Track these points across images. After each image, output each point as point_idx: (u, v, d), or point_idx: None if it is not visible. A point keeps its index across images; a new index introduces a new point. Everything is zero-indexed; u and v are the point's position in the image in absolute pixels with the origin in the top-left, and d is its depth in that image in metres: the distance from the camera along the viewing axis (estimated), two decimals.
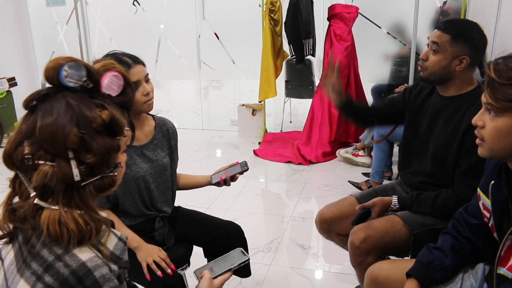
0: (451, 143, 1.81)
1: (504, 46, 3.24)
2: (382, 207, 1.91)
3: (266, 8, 4.77)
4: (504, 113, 1.16)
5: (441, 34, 1.78)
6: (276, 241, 3.03)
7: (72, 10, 5.74)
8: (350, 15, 4.65)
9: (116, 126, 0.94)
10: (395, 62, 5.03)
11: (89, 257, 0.90)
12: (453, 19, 1.87)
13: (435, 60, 1.79)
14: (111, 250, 0.97)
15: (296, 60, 5.00)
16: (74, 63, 0.91)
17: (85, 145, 0.89)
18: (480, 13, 4.13)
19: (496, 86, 1.15)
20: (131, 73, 1.74)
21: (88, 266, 0.88)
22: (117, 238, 1.00)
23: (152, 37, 5.74)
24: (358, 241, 1.81)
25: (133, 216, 1.90)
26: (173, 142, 2.01)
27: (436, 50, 1.79)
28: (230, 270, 1.26)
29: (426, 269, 1.48)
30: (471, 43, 1.77)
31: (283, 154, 4.69)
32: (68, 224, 0.88)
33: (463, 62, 1.77)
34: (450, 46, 1.76)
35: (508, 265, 1.25)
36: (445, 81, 1.83)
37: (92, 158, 0.90)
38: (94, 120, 0.90)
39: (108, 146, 0.92)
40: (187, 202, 2.31)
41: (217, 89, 8.81)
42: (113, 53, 1.79)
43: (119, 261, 0.99)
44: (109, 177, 0.95)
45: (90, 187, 0.93)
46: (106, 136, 0.92)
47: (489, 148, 1.23)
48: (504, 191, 1.28)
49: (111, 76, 0.96)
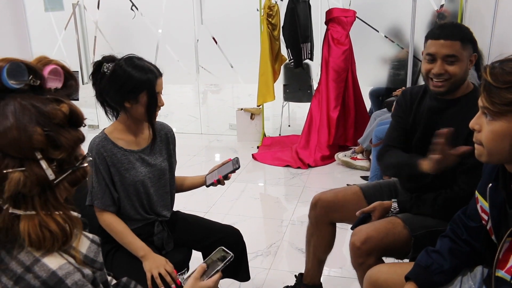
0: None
1: (501, 49, 3.26)
2: (382, 211, 1.92)
3: (264, 12, 4.78)
4: (501, 116, 1.16)
5: (451, 43, 1.76)
6: (275, 245, 3.03)
7: (70, 15, 5.75)
8: (347, 19, 4.67)
9: (76, 117, 0.92)
10: (393, 65, 5.05)
11: (59, 265, 0.87)
12: (445, 24, 1.86)
13: (457, 68, 1.77)
14: (84, 253, 0.95)
15: (294, 64, 5.01)
16: (14, 64, 0.87)
17: (52, 142, 0.87)
18: (477, 16, 4.15)
19: (493, 90, 1.15)
20: (157, 84, 1.78)
21: (59, 275, 0.86)
22: (90, 241, 0.98)
23: (150, 41, 5.75)
24: (359, 242, 1.81)
25: (132, 220, 1.90)
26: (171, 147, 2.02)
27: (453, 60, 1.77)
28: (218, 271, 1.25)
29: (425, 272, 1.48)
30: (473, 40, 1.81)
31: (281, 158, 4.69)
32: (50, 227, 0.86)
33: (472, 60, 1.81)
34: (464, 50, 1.77)
35: (507, 268, 1.25)
36: (461, 84, 1.84)
37: (61, 154, 0.88)
38: (55, 115, 0.88)
39: (75, 139, 0.91)
40: (186, 207, 2.32)
41: (215, 94, 8.81)
42: (136, 57, 1.80)
43: (94, 264, 0.97)
44: (81, 169, 0.93)
45: (64, 183, 0.91)
46: (71, 129, 0.91)
47: (486, 152, 1.24)
48: (502, 194, 1.29)
49: (51, 69, 0.93)
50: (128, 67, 1.74)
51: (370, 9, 4.99)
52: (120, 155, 1.83)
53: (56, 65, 0.94)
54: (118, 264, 1.85)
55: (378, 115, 4.24)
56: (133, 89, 1.74)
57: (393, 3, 4.94)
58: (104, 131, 1.86)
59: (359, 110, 4.90)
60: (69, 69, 0.97)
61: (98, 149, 1.79)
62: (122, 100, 1.78)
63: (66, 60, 4.77)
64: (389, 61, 5.06)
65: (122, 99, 1.77)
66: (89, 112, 6.48)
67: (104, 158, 1.80)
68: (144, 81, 1.74)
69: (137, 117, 1.82)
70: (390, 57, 5.07)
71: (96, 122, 6.15)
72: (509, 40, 3.18)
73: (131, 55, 1.80)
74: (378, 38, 5.05)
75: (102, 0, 5.77)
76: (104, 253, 1.88)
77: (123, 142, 1.86)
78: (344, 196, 2.14)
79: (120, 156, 1.83)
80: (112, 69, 1.74)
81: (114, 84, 1.75)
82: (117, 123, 1.87)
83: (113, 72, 1.74)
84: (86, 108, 6.83)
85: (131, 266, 1.81)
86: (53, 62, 0.95)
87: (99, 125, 6.09)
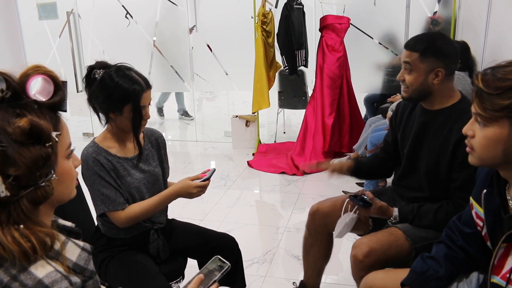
0: (441, 157, 1.83)
1: (494, 54, 3.28)
2: (382, 214, 1.91)
3: (259, 19, 4.80)
4: (493, 122, 1.17)
5: (410, 53, 1.82)
6: (271, 253, 3.02)
7: (64, 23, 5.75)
8: (341, 26, 4.69)
9: (39, 132, 0.87)
10: (387, 72, 5.07)
11: (46, 273, 0.86)
12: (419, 35, 1.89)
13: (411, 78, 1.83)
14: (74, 261, 0.93)
15: (289, 71, 5.02)
16: None
17: (6, 159, 0.83)
18: (470, 22, 4.18)
19: (484, 96, 1.16)
20: (143, 97, 1.75)
21: (46, 283, 0.84)
22: (80, 248, 0.96)
23: (144, 49, 5.75)
24: (361, 255, 1.78)
25: (127, 229, 1.88)
26: (162, 152, 2.01)
27: (410, 69, 1.83)
28: (215, 281, 1.24)
29: (420, 278, 1.48)
30: (441, 55, 1.79)
31: (277, 165, 4.69)
32: (6, 245, 0.83)
33: (439, 75, 1.79)
34: (421, 62, 1.80)
35: (502, 274, 1.25)
36: (427, 96, 1.86)
37: (17, 171, 0.84)
38: (13, 131, 0.84)
39: (35, 156, 0.86)
40: (181, 214, 2.31)
41: (210, 101, 8.81)
42: (124, 68, 1.77)
43: (84, 272, 0.95)
44: (41, 188, 0.89)
45: (23, 200, 0.87)
46: (31, 146, 0.86)
47: (478, 156, 1.25)
48: (497, 200, 1.29)
49: (37, 80, 0.90)
50: (116, 77, 1.72)
51: (364, 16, 5.01)
52: (115, 162, 1.82)
53: (45, 75, 0.92)
54: (112, 273, 1.84)
55: (373, 121, 4.25)
56: (118, 100, 1.73)
57: (386, 10, 4.97)
58: (94, 140, 1.85)
59: (354, 117, 4.91)
60: (58, 79, 0.94)
61: (94, 158, 1.77)
62: (107, 110, 1.77)
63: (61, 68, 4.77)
64: (384, 67, 5.08)
65: (107, 110, 1.77)
66: (83, 120, 6.48)
67: (102, 165, 1.78)
68: (129, 94, 1.72)
69: (122, 128, 1.81)
70: (384, 64, 5.09)
71: (91, 130, 6.14)
72: (502, 46, 3.20)
73: (121, 65, 1.77)
74: (372, 44, 5.07)
75: (96, 8, 5.77)
76: (99, 262, 1.87)
77: (115, 149, 1.84)
78: (342, 206, 2.13)
79: (116, 163, 1.82)
80: (101, 76, 1.73)
81: (101, 93, 1.74)
82: (106, 132, 1.86)
83: (101, 80, 1.73)
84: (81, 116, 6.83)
85: (125, 275, 1.79)
86: (41, 72, 0.92)
87: (93, 133, 6.08)
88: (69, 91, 1.00)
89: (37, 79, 0.91)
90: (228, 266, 1.26)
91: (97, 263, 1.88)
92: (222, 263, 1.27)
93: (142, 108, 1.76)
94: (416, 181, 1.98)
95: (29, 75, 0.91)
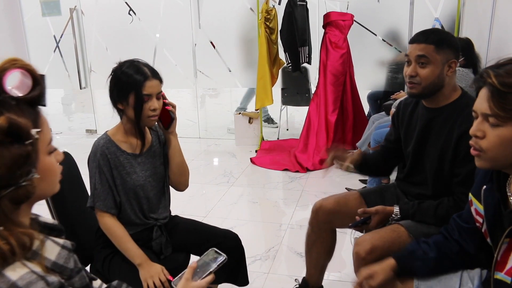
0: (445, 154, 1.82)
1: (498, 51, 3.26)
2: (383, 216, 1.90)
3: (262, 16, 4.79)
4: (508, 121, 1.15)
5: (425, 46, 1.80)
6: (274, 249, 3.02)
7: (68, 20, 5.75)
8: (345, 23, 4.68)
9: (17, 131, 0.84)
10: (390, 69, 5.06)
11: (20, 275, 0.82)
12: (425, 30, 1.88)
13: (428, 72, 1.80)
14: (53, 260, 0.91)
15: (292, 67, 5.02)
16: None
17: None
18: (474, 18, 4.15)
19: (502, 95, 1.13)
20: (146, 86, 1.76)
21: (20, 285, 0.81)
22: (60, 246, 0.94)
23: (148, 46, 5.75)
24: (364, 252, 1.78)
25: (131, 225, 1.89)
26: (166, 149, 2.01)
27: (425, 63, 1.80)
28: (211, 273, 1.23)
29: (408, 255, 1.53)
30: (453, 46, 1.81)
31: (280, 162, 4.69)
32: None
33: (452, 66, 1.81)
34: (438, 54, 1.79)
35: (506, 269, 1.24)
36: (437, 91, 1.84)
37: None
38: None
39: (14, 156, 0.83)
40: (184, 211, 2.31)
41: (213, 98, 8.81)
42: (136, 61, 1.82)
43: (64, 270, 0.93)
44: (22, 187, 0.86)
45: (4, 200, 0.84)
46: (10, 145, 0.83)
47: (490, 158, 1.21)
48: (496, 196, 1.28)
49: (14, 74, 0.87)
50: (123, 69, 1.78)
51: (367, 12, 5.00)
52: (122, 158, 1.84)
53: (22, 68, 0.88)
54: (115, 269, 1.84)
55: (376, 118, 4.24)
56: (122, 88, 1.77)
57: (390, 6, 4.96)
58: (107, 133, 1.88)
59: (357, 114, 4.90)
60: (36, 72, 0.90)
61: (102, 151, 1.81)
62: (116, 100, 1.81)
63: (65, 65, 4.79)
64: (387, 64, 5.07)
65: (116, 100, 1.81)
66: (87, 117, 6.48)
67: (108, 160, 1.81)
68: (131, 82, 1.75)
69: (132, 121, 1.82)
70: (388, 61, 5.08)
71: (94, 127, 6.15)
72: (507, 43, 3.19)
73: (133, 59, 1.82)
74: (376, 41, 5.06)
75: (100, 5, 5.77)
76: (102, 258, 1.88)
77: (126, 145, 1.87)
78: (345, 203, 2.13)
79: (123, 160, 1.84)
80: (113, 69, 1.80)
81: (110, 85, 1.80)
82: (119, 125, 1.89)
83: (112, 73, 1.80)
84: (84, 113, 6.84)
85: (128, 271, 1.80)
86: (18, 65, 0.88)
87: (97, 130, 6.08)
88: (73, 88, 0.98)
89: (14, 73, 0.87)
90: (224, 258, 1.26)
91: (100, 259, 1.89)
92: (218, 255, 1.27)
93: (147, 97, 1.77)
94: (421, 178, 1.97)
95: (6, 69, 0.87)
